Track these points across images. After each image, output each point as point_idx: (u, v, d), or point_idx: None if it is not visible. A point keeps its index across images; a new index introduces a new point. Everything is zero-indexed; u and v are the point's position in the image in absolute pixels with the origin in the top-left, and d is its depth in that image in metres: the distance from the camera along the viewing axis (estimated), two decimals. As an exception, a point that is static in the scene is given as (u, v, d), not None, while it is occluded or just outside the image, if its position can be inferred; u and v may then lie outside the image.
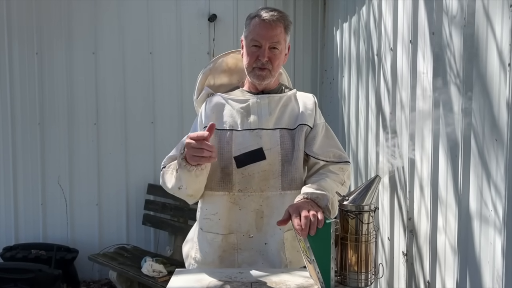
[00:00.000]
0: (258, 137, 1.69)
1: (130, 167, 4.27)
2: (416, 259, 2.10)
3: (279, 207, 1.67)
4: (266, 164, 1.68)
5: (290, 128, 1.71)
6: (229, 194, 1.70)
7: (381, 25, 2.58)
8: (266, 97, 1.73)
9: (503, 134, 1.38)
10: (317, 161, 1.72)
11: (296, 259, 1.74)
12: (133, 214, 4.29)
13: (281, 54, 1.71)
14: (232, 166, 1.69)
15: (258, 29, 1.67)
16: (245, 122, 1.70)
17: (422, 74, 2.03)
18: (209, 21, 4.20)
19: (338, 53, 3.64)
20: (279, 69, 1.75)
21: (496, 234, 1.43)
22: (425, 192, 1.99)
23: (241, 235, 1.71)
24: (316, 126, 1.74)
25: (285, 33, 1.70)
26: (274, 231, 1.69)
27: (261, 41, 1.67)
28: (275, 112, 1.72)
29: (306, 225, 1.39)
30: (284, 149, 1.69)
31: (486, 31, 1.49)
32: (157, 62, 4.25)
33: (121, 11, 4.17)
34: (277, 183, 1.68)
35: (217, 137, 1.70)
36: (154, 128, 4.29)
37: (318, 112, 1.79)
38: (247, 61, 1.72)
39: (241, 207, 1.71)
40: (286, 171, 1.68)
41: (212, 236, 1.73)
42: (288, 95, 1.77)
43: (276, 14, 1.68)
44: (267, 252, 1.71)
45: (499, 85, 1.41)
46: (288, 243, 1.71)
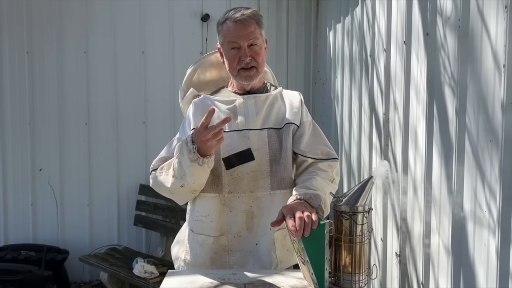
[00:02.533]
0: (246, 138, 1.68)
1: (121, 167, 4.24)
2: (409, 259, 2.10)
3: (269, 207, 1.68)
4: (254, 164, 1.68)
5: (277, 128, 1.71)
6: (219, 195, 1.69)
7: (375, 26, 2.58)
8: (252, 97, 1.73)
9: (497, 135, 1.38)
10: (305, 159, 1.72)
11: (286, 258, 1.74)
12: (124, 214, 4.26)
13: (261, 49, 1.69)
14: (221, 168, 1.68)
15: (232, 31, 1.65)
16: (232, 123, 1.69)
17: (416, 75, 2.03)
18: (202, 21, 4.18)
19: (331, 54, 3.64)
20: (264, 64, 1.74)
21: (490, 235, 1.44)
22: (418, 193, 1.99)
23: (232, 236, 1.71)
24: (302, 124, 1.74)
25: (259, 28, 1.69)
26: (265, 231, 1.69)
27: (238, 42, 1.65)
28: (262, 112, 1.71)
29: (301, 226, 1.38)
30: (272, 149, 1.69)
31: (480, 32, 1.49)
32: (149, 62, 4.23)
33: (113, 10, 4.15)
34: (266, 183, 1.68)
35: None
36: (146, 128, 4.26)
37: (304, 109, 1.78)
38: (230, 65, 1.70)
39: (232, 209, 1.70)
40: (274, 171, 1.68)
41: (204, 238, 1.72)
42: (274, 94, 1.76)
43: (246, 12, 1.67)
44: (258, 253, 1.71)
45: (494, 86, 1.41)
46: (278, 242, 1.71)
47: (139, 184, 4.20)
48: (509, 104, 1.32)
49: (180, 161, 1.61)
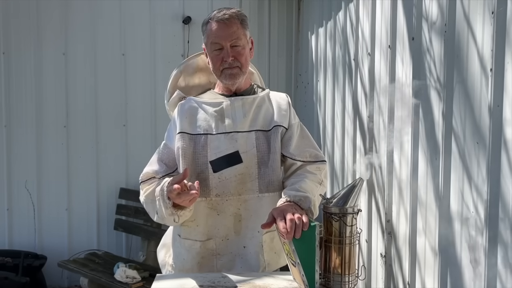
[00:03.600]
0: (234, 140, 1.67)
1: (101, 170, 4.18)
2: (394, 260, 2.13)
3: (257, 210, 1.67)
4: (242, 167, 1.67)
5: (265, 130, 1.70)
6: (206, 199, 1.67)
7: (359, 30, 2.62)
8: (239, 99, 1.72)
9: (484, 138, 1.42)
10: (294, 162, 1.72)
11: (274, 261, 1.74)
12: (104, 219, 4.20)
13: (244, 50, 1.69)
14: (208, 171, 1.66)
15: (215, 32, 1.65)
16: (219, 125, 1.68)
17: (401, 78, 2.06)
18: (184, 23, 4.16)
19: (313, 57, 3.67)
20: (248, 65, 1.74)
21: (478, 235, 1.47)
22: (404, 194, 2.02)
23: (220, 240, 1.70)
24: (291, 127, 1.74)
25: (243, 28, 1.68)
26: (253, 234, 1.69)
27: (221, 42, 1.65)
28: (249, 114, 1.70)
29: (292, 228, 1.39)
30: (260, 151, 1.68)
31: (467, 36, 1.53)
32: (130, 64, 4.18)
33: (93, 11, 4.09)
34: (254, 186, 1.67)
35: (192, 142, 1.68)
36: (127, 131, 4.21)
37: (292, 111, 1.78)
38: (213, 66, 1.70)
39: (219, 212, 1.69)
40: (263, 173, 1.67)
41: (190, 242, 1.70)
42: (261, 96, 1.76)
43: (229, 11, 1.66)
44: (246, 255, 1.70)
45: (480, 89, 1.45)
46: (266, 245, 1.70)
47: (119, 188, 4.14)
48: (496, 107, 1.36)
49: (159, 207, 1.60)
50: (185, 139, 1.68)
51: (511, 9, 1.31)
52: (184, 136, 1.68)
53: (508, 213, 1.32)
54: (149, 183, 1.72)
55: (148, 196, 1.69)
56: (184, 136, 1.68)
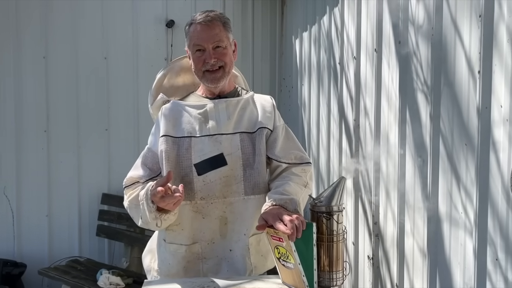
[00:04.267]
0: (218, 143, 1.66)
1: (83, 176, 4.10)
2: (382, 262, 2.14)
3: (242, 213, 1.66)
4: (227, 169, 1.65)
5: (250, 132, 1.69)
6: (191, 203, 1.65)
7: (344, 34, 2.64)
8: (223, 101, 1.70)
9: (473, 139, 1.44)
10: (279, 164, 1.72)
11: (261, 264, 1.73)
12: (86, 225, 4.12)
13: (227, 51, 1.68)
14: (192, 174, 1.65)
15: (197, 34, 1.64)
16: (203, 128, 1.67)
17: (387, 82, 2.08)
18: (167, 27, 4.13)
19: (298, 61, 3.69)
20: (232, 66, 1.72)
21: (466, 235, 1.49)
22: (391, 196, 2.04)
23: (206, 243, 1.68)
24: (276, 129, 1.73)
25: (226, 30, 1.67)
26: (239, 237, 1.68)
27: (203, 44, 1.64)
28: (233, 116, 1.69)
29: (294, 228, 1.39)
30: (245, 154, 1.67)
31: (454, 40, 1.55)
32: (112, 68, 4.13)
33: (75, 13, 4.02)
34: (239, 188, 1.66)
35: (176, 145, 1.66)
36: (109, 135, 4.15)
37: (277, 113, 1.78)
38: (195, 67, 1.69)
39: (204, 215, 1.67)
40: (248, 175, 1.66)
41: (176, 247, 1.68)
42: (245, 98, 1.75)
43: (211, 14, 1.66)
44: (232, 259, 1.69)
45: (468, 91, 1.47)
46: (253, 248, 1.69)
47: (101, 194, 4.08)
48: (484, 108, 1.38)
49: (143, 212, 1.59)
50: (168, 142, 1.66)
51: (497, 12, 1.34)
52: (167, 139, 1.67)
53: (497, 213, 1.34)
54: (133, 188, 1.70)
55: (132, 201, 1.67)
56: (168, 139, 1.67)
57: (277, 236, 1.51)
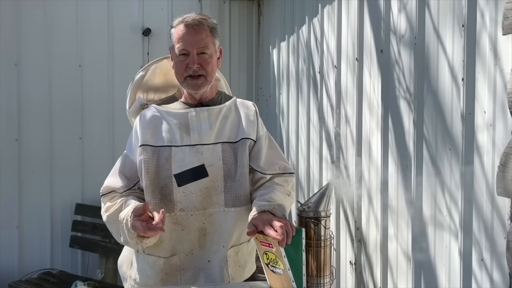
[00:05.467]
0: (199, 153, 1.61)
1: (55, 186, 4.00)
2: (365, 267, 2.18)
3: (222, 224, 1.63)
4: (208, 181, 1.61)
5: (232, 142, 1.65)
6: (170, 215, 1.60)
7: (323, 43, 2.69)
8: (205, 109, 1.65)
9: (457, 144, 1.49)
10: (263, 176, 1.69)
11: (238, 275, 1.70)
12: (58, 236, 4.00)
13: (211, 58, 1.61)
14: (172, 185, 1.60)
15: (182, 37, 1.58)
16: (184, 137, 1.61)
17: (368, 90, 2.13)
18: (143, 35, 4.11)
19: (275, 71, 3.73)
20: (214, 74, 1.66)
21: (451, 237, 1.53)
22: (374, 202, 2.08)
23: (184, 255, 1.64)
24: (259, 139, 1.69)
25: (212, 36, 1.62)
26: (218, 248, 1.64)
27: (187, 48, 1.58)
28: (215, 125, 1.64)
29: (284, 234, 1.39)
30: (226, 164, 1.63)
31: (436, 48, 1.61)
32: (87, 76, 4.06)
33: (48, 19, 3.94)
34: (220, 200, 1.62)
35: (155, 154, 1.60)
36: (83, 144, 4.07)
37: (260, 121, 1.74)
38: (177, 71, 1.62)
39: (184, 227, 1.63)
40: (229, 187, 1.63)
41: (154, 259, 1.64)
42: (227, 105, 1.70)
43: (198, 17, 1.60)
44: (210, 269, 1.65)
45: (452, 98, 1.53)
46: (231, 259, 1.66)
47: (75, 204, 3.98)
48: (468, 114, 1.43)
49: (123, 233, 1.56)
50: (147, 152, 1.61)
51: (480, 22, 1.40)
52: (146, 149, 1.61)
53: (482, 215, 1.39)
54: (110, 198, 1.66)
55: (111, 216, 1.62)
56: (147, 149, 1.61)
57: (267, 242, 1.51)
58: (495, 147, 1.33)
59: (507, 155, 1.23)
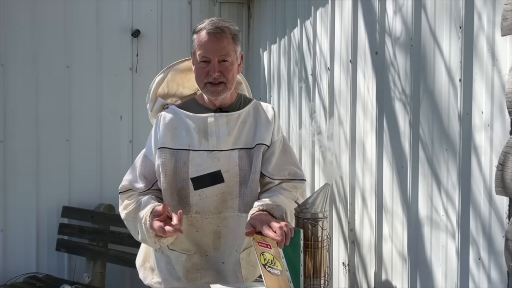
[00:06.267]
0: (216, 159, 1.66)
1: (41, 188, 3.93)
2: (358, 268, 2.18)
3: (235, 228, 1.69)
4: (224, 186, 1.66)
5: (249, 148, 1.70)
6: (186, 216, 1.66)
7: (316, 46, 2.70)
8: (224, 116, 1.68)
9: (454, 144, 1.50)
10: (271, 181, 1.72)
11: (251, 274, 1.77)
12: (44, 239, 3.93)
13: (232, 66, 1.65)
14: (189, 188, 1.65)
15: (204, 44, 1.63)
16: (202, 142, 1.66)
17: (363, 92, 2.14)
18: (133, 36, 4.07)
19: (266, 74, 3.73)
20: (234, 81, 1.70)
21: (448, 237, 1.54)
22: (368, 202, 2.08)
23: (200, 255, 1.71)
24: (273, 144, 1.73)
25: (234, 43, 1.66)
26: (231, 251, 1.71)
27: (209, 56, 1.62)
28: (233, 131, 1.68)
29: (283, 235, 1.41)
30: (242, 170, 1.68)
31: (433, 50, 1.62)
32: (75, 77, 4.01)
33: (35, 19, 3.89)
34: (234, 204, 1.68)
35: (173, 157, 1.65)
36: (70, 146, 4.01)
37: (276, 126, 1.76)
38: (197, 77, 1.67)
39: (198, 229, 1.69)
40: (243, 192, 1.68)
41: (177, 254, 1.70)
42: (246, 110, 1.73)
43: (221, 24, 1.64)
44: (224, 271, 1.72)
45: (449, 99, 1.54)
46: (243, 261, 1.73)
47: (61, 206, 3.92)
48: (465, 115, 1.45)
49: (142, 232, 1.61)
50: (166, 155, 1.66)
51: (477, 24, 1.42)
52: (165, 152, 1.66)
53: (479, 214, 1.40)
54: (128, 196, 1.71)
55: (129, 214, 1.67)
56: (165, 151, 1.66)
57: (265, 243, 1.51)
58: (493, 147, 1.34)
59: (506, 155, 1.24)
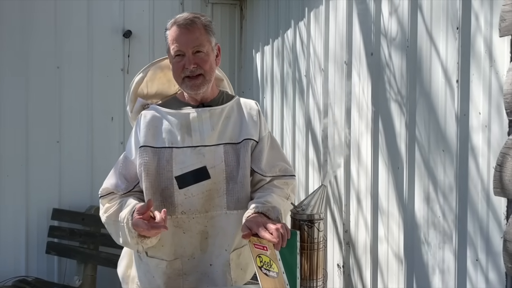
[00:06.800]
0: (201, 155, 1.59)
1: (31, 190, 3.87)
2: (353, 270, 2.17)
3: (224, 227, 1.62)
4: (210, 183, 1.59)
5: (234, 143, 1.63)
6: (171, 217, 1.58)
7: (310, 47, 2.69)
8: (207, 110, 1.62)
9: (451, 145, 1.50)
10: (263, 178, 1.68)
11: (240, 278, 1.69)
12: (33, 242, 3.87)
13: (208, 57, 1.59)
14: (173, 187, 1.57)
15: (176, 37, 1.57)
16: (186, 138, 1.59)
17: (358, 92, 2.14)
18: (124, 37, 4.04)
19: (259, 75, 3.72)
20: (213, 72, 1.63)
21: (445, 238, 1.54)
22: (363, 204, 2.08)
23: (186, 259, 1.62)
24: (261, 140, 1.68)
25: (207, 34, 1.60)
26: (220, 251, 1.63)
27: (182, 49, 1.56)
28: (217, 126, 1.62)
29: (280, 237, 1.38)
30: (229, 166, 1.60)
31: (430, 51, 1.62)
32: (65, 77, 3.96)
33: (24, 18, 3.84)
34: (222, 202, 1.61)
35: (156, 155, 1.58)
36: (60, 147, 3.96)
37: (262, 121, 1.72)
38: (174, 73, 1.61)
39: (185, 230, 1.61)
40: (231, 189, 1.61)
41: (157, 262, 1.61)
42: (230, 105, 1.67)
43: (191, 16, 1.59)
44: (213, 274, 1.64)
45: (445, 100, 1.54)
46: (233, 263, 1.65)
47: (51, 209, 3.86)
48: (463, 116, 1.44)
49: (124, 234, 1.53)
50: (148, 153, 1.58)
51: (474, 25, 1.42)
52: (147, 150, 1.58)
53: (477, 215, 1.40)
54: (109, 199, 1.63)
55: (110, 217, 1.59)
56: (147, 150, 1.58)
57: (261, 245, 1.49)
58: (491, 148, 1.34)
59: (504, 156, 1.24)
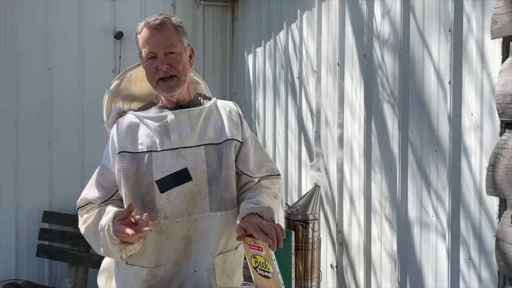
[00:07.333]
0: (181, 157, 1.54)
1: (21, 193, 3.85)
2: (347, 270, 2.19)
3: (207, 231, 1.57)
4: (192, 185, 1.55)
5: (216, 143, 1.60)
6: (153, 223, 1.53)
7: (303, 49, 2.71)
8: (185, 111, 1.58)
9: (444, 146, 1.52)
10: (252, 179, 1.66)
11: (226, 284, 1.64)
12: (24, 245, 3.84)
13: (181, 57, 1.56)
14: (154, 192, 1.53)
15: (147, 40, 1.53)
16: (164, 141, 1.55)
17: (350, 94, 2.16)
18: (116, 39, 4.03)
19: (251, 76, 3.73)
20: (187, 73, 1.60)
21: (438, 237, 1.56)
22: (356, 204, 2.09)
23: (170, 266, 1.56)
24: (245, 142, 1.66)
25: (178, 34, 1.57)
26: (204, 256, 1.58)
27: (154, 50, 1.52)
28: (197, 127, 1.58)
29: (275, 237, 1.37)
30: (210, 167, 1.57)
31: (422, 53, 1.64)
32: (56, 79, 3.94)
33: (15, 19, 3.82)
34: (204, 204, 1.56)
35: (135, 161, 1.53)
36: (51, 150, 3.94)
37: (244, 123, 1.70)
38: (148, 76, 1.57)
39: (169, 236, 1.55)
40: (214, 190, 1.57)
41: (137, 269, 1.56)
42: (208, 106, 1.64)
43: (161, 17, 1.55)
44: (197, 280, 1.58)
45: (438, 101, 1.56)
46: (218, 268, 1.59)
47: (42, 211, 3.84)
48: (455, 116, 1.47)
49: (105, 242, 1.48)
50: (126, 159, 1.54)
51: (466, 27, 1.44)
52: (125, 156, 1.54)
53: (469, 215, 1.42)
54: (87, 210, 1.58)
55: (89, 228, 1.55)
56: (125, 156, 1.54)
57: (256, 245, 1.49)
58: (483, 148, 1.36)
59: (496, 156, 1.26)
